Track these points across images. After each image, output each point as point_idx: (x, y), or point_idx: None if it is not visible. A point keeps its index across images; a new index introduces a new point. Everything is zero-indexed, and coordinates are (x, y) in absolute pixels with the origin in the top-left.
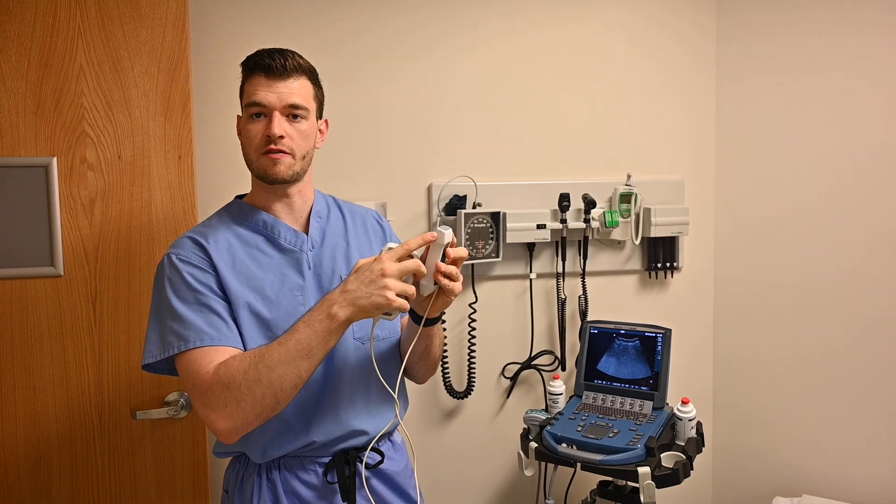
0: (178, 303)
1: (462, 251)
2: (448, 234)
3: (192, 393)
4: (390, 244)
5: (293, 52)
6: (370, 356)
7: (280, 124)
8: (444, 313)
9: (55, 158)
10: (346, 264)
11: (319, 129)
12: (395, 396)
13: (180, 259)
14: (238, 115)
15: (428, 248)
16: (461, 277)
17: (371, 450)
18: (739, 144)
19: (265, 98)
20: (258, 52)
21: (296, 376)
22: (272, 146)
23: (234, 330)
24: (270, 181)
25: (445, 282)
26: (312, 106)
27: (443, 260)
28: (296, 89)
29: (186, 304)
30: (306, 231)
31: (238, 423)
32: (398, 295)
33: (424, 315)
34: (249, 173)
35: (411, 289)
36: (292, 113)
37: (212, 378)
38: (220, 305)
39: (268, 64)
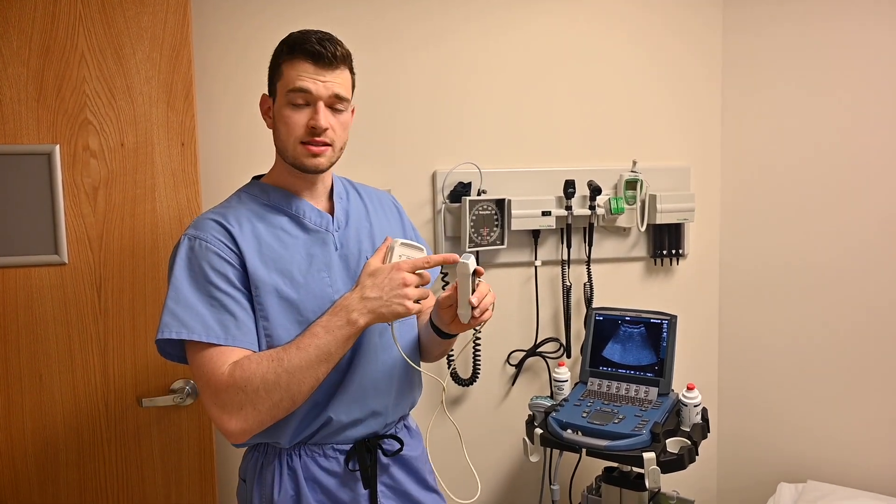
0: (190, 291)
1: (491, 295)
2: (472, 263)
3: (204, 392)
4: (403, 240)
5: (338, 40)
6: (397, 347)
7: (326, 117)
8: None
9: (58, 146)
10: (371, 244)
11: None
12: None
13: (201, 243)
14: (264, 94)
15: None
16: (491, 310)
17: (390, 437)
18: (745, 131)
19: (313, 87)
20: (304, 34)
21: (314, 380)
22: (316, 138)
23: (246, 328)
24: (308, 171)
25: (480, 315)
26: (350, 96)
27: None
28: (341, 81)
29: (199, 294)
30: (330, 212)
31: (252, 425)
32: (416, 301)
33: (447, 330)
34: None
35: (427, 292)
36: (335, 104)
37: (227, 380)
38: (233, 302)
39: (318, 52)
